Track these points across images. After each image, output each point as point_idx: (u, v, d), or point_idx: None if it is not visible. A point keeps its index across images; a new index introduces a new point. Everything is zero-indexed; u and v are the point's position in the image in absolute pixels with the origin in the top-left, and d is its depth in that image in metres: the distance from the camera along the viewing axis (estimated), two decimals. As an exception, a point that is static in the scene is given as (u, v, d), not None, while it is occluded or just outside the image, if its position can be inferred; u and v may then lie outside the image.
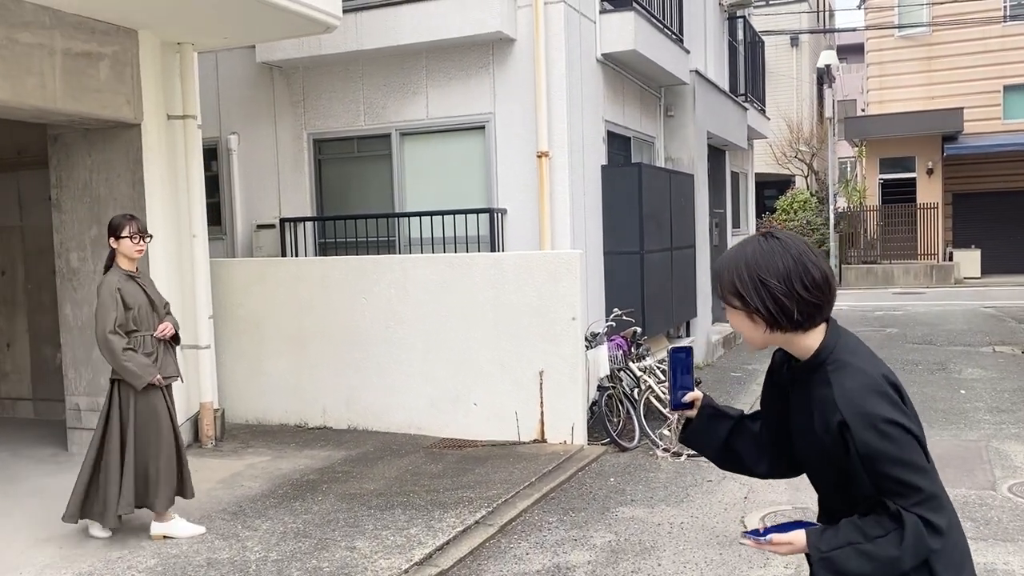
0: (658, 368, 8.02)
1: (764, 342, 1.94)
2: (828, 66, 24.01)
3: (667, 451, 7.03)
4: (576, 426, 7.19)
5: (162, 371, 5.08)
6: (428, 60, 8.45)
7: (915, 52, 25.31)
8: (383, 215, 8.68)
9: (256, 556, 4.82)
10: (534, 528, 5.44)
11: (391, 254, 8.43)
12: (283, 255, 8.94)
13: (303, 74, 8.97)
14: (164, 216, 7.00)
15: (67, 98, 6.10)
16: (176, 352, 5.36)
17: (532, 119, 8.04)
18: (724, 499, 5.88)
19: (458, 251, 8.17)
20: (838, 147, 27.65)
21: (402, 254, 8.46)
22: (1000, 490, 5.93)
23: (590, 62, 8.69)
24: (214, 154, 9.29)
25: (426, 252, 8.36)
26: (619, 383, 7.70)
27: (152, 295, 5.16)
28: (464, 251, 8.14)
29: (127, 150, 6.84)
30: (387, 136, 8.69)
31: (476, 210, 8.21)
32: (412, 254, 8.36)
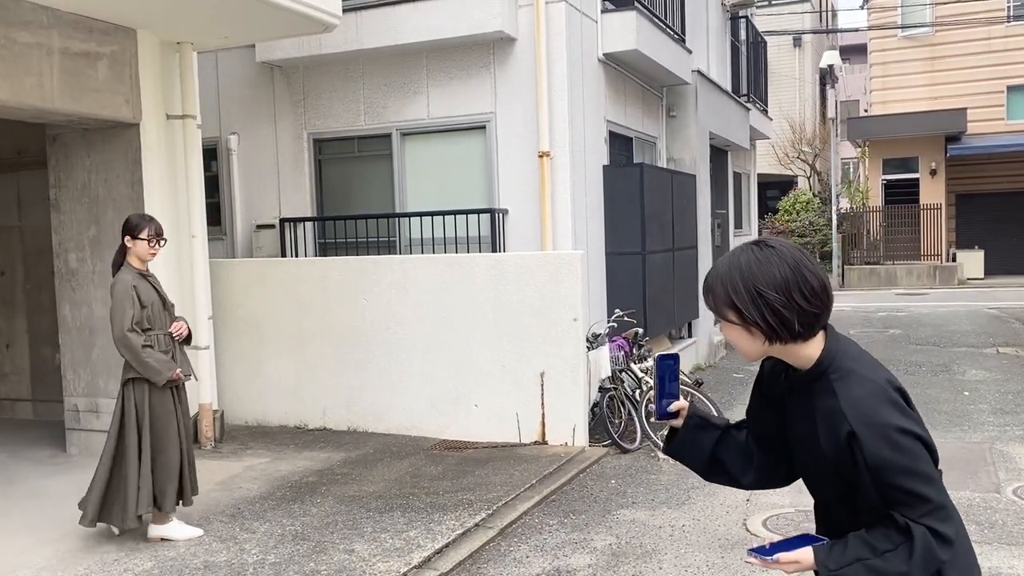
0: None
1: (761, 354, 1.88)
2: (831, 66, 23.96)
3: (669, 453, 6.97)
4: (577, 428, 7.15)
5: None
6: (429, 59, 8.41)
7: (918, 52, 25.25)
8: (383, 215, 8.64)
9: (253, 559, 4.79)
10: (534, 531, 5.40)
11: (391, 254, 8.39)
12: (283, 255, 8.90)
13: (303, 73, 8.94)
14: (163, 216, 6.88)
15: (65, 98, 6.07)
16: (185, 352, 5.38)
17: (533, 119, 7.99)
18: (726, 501, 5.84)
19: (459, 252, 8.13)
20: (841, 148, 27.59)
21: (403, 254, 8.42)
22: (1005, 493, 5.88)
23: (592, 62, 8.65)
24: (214, 154, 9.25)
25: (427, 252, 8.32)
26: (621, 384, 7.66)
27: (163, 294, 5.19)
28: (465, 252, 8.10)
29: (126, 150, 6.81)
30: (387, 136, 8.65)
31: (477, 210, 8.17)
32: (413, 254, 8.32)
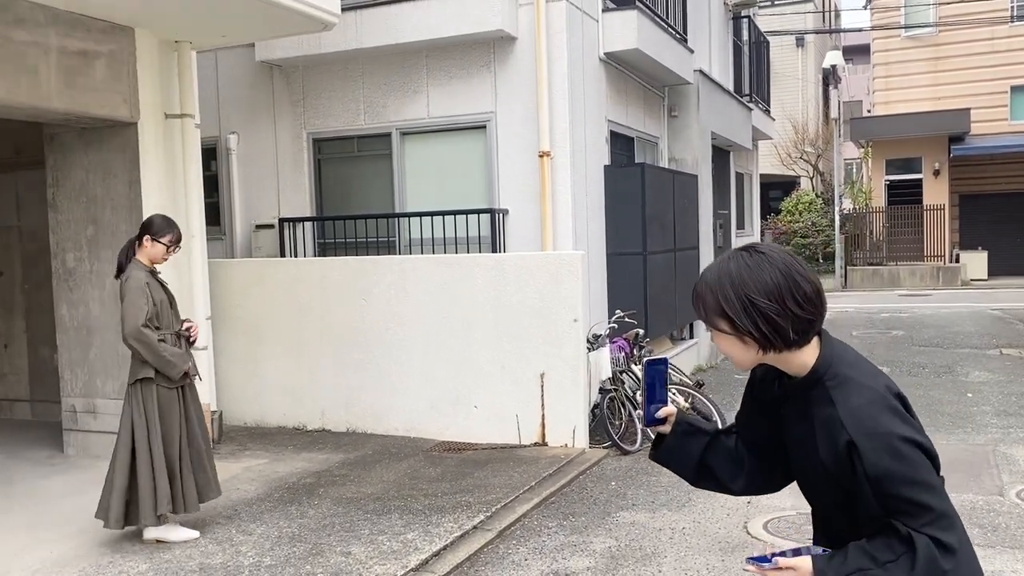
0: (661, 370, 7.91)
1: (755, 363, 1.83)
2: (834, 66, 23.90)
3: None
4: (577, 429, 7.10)
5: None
6: (429, 59, 8.37)
7: (921, 52, 25.17)
8: (383, 215, 8.60)
9: (249, 561, 4.74)
10: (533, 533, 5.35)
11: (391, 255, 8.34)
12: (282, 256, 8.86)
13: (303, 73, 8.90)
14: (161, 216, 6.92)
15: (62, 97, 6.03)
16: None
17: (534, 118, 7.95)
18: (727, 504, 5.78)
19: (459, 252, 8.09)
20: (844, 148, 27.53)
21: (402, 255, 8.38)
22: (1008, 496, 5.82)
23: (593, 61, 8.60)
24: (213, 153, 9.22)
25: (426, 253, 8.28)
26: (621, 385, 7.61)
27: (171, 294, 5.23)
28: (465, 252, 8.06)
29: (124, 149, 6.76)
30: (387, 135, 8.61)
31: (477, 210, 8.13)
32: (412, 255, 8.27)
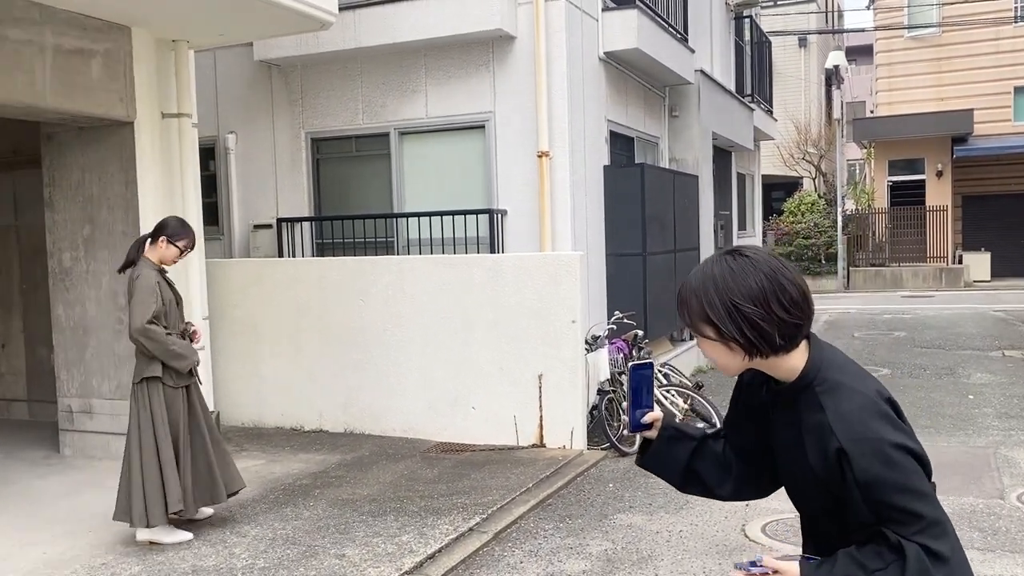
0: (659, 372, 7.88)
1: (742, 369, 1.79)
2: (836, 67, 23.84)
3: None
4: (575, 431, 7.06)
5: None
6: (427, 58, 8.33)
7: (925, 53, 25.10)
8: (381, 215, 8.56)
9: (243, 563, 4.71)
10: (529, 536, 5.31)
11: (389, 255, 8.31)
12: (280, 255, 8.84)
13: (301, 72, 8.87)
14: (157, 216, 6.81)
15: (58, 96, 6.00)
16: None
17: (533, 118, 7.91)
18: (725, 506, 5.73)
19: (457, 252, 8.05)
20: (847, 149, 27.47)
21: (400, 255, 8.35)
22: (1009, 499, 5.77)
23: (592, 61, 8.56)
24: (212, 153, 9.20)
25: (425, 253, 8.25)
26: (620, 387, 7.56)
27: (178, 293, 5.26)
28: (463, 252, 8.03)
29: (120, 149, 6.73)
30: (386, 135, 8.58)
31: (475, 211, 8.09)
32: (411, 255, 8.24)
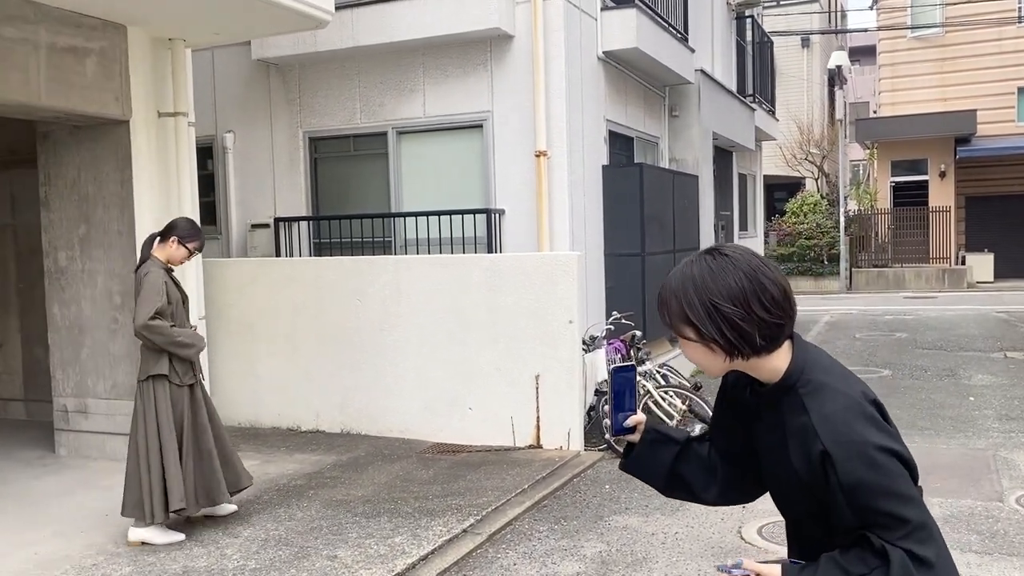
0: (657, 373, 7.85)
1: (724, 371, 1.76)
2: (839, 67, 23.76)
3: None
4: (572, 431, 7.03)
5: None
6: (425, 57, 8.30)
7: (928, 53, 25.02)
8: (379, 215, 8.53)
9: (234, 564, 4.68)
10: (524, 537, 5.28)
11: (387, 255, 8.28)
12: (277, 255, 8.81)
13: (299, 71, 8.84)
14: (153, 215, 6.85)
15: (52, 94, 5.97)
16: None
17: (530, 118, 7.88)
18: (721, 509, 5.69)
19: (455, 252, 8.02)
20: (849, 149, 27.40)
21: (398, 255, 8.32)
22: (1007, 501, 5.72)
23: (591, 60, 8.53)
24: (210, 152, 9.18)
25: (422, 253, 8.22)
26: (617, 388, 7.52)
27: (184, 292, 5.29)
28: (461, 252, 7.99)
29: (116, 147, 6.71)
30: (384, 134, 8.55)
31: (473, 210, 8.06)
32: (407, 255, 8.21)
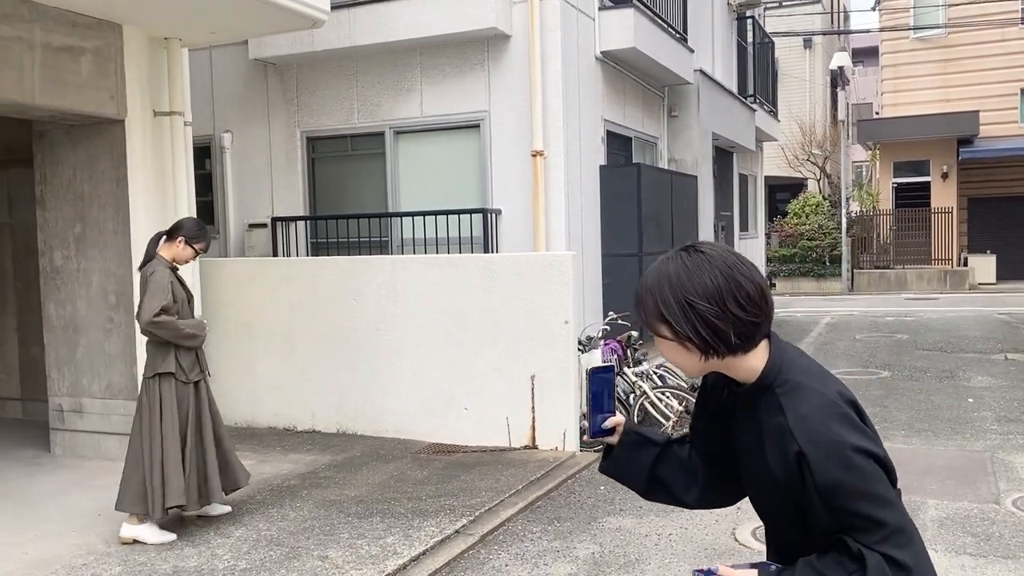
0: (654, 373, 7.83)
1: (702, 371, 1.73)
2: (841, 68, 23.74)
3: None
4: (568, 432, 7.01)
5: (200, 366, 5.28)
6: (422, 57, 8.29)
7: (931, 54, 24.96)
8: (376, 215, 8.53)
9: (224, 565, 4.67)
10: (516, 538, 5.26)
11: (384, 254, 8.28)
12: (275, 255, 8.81)
13: (296, 71, 8.84)
14: (149, 214, 6.86)
15: (47, 93, 5.97)
16: None
17: (527, 117, 7.87)
18: (715, 510, 5.65)
19: (451, 252, 8.01)
20: (852, 150, 27.36)
21: (395, 254, 8.31)
22: (1004, 504, 5.69)
23: (588, 60, 8.51)
24: (208, 152, 9.17)
25: (419, 253, 8.21)
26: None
27: (189, 291, 5.32)
28: (457, 252, 7.98)
29: (111, 147, 6.71)
30: (381, 134, 8.54)
31: (470, 210, 8.05)
32: (404, 255, 8.21)
